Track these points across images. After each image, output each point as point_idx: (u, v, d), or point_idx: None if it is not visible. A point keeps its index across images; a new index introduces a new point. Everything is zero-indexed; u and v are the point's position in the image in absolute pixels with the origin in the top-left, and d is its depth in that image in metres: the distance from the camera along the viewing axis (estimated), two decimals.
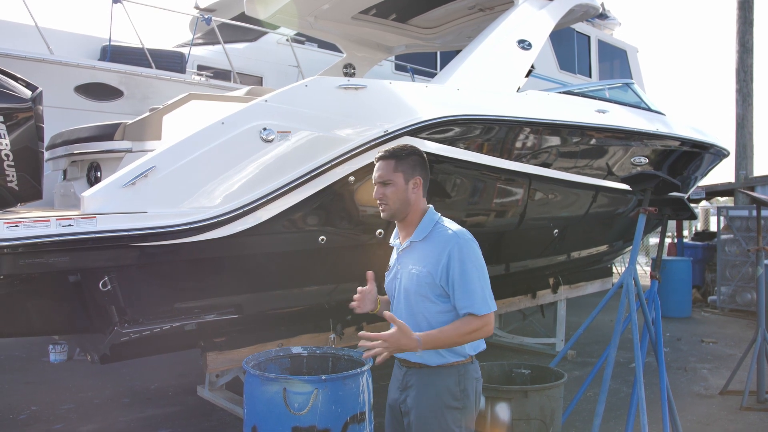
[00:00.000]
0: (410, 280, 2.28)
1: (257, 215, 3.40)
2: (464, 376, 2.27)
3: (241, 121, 3.42)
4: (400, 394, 2.35)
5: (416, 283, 2.25)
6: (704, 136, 6.57)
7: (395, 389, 2.39)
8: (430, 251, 2.24)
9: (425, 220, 2.32)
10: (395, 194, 2.28)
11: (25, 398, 5.04)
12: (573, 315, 7.20)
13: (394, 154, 2.31)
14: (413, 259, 2.29)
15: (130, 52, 6.64)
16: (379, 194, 2.30)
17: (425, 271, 2.23)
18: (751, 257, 8.73)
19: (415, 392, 2.29)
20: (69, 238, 2.88)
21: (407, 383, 2.32)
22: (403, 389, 2.34)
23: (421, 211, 2.34)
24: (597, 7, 6.14)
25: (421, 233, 2.29)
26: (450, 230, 2.26)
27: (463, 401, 2.26)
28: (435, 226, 2.30)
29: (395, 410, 2.38)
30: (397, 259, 2.39)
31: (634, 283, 3.90)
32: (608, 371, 3.71)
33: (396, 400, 2.37)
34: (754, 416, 4.80)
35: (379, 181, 2.30)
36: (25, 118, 3.09)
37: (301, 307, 4.02)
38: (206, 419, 4.58)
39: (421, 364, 2.27)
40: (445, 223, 2.32)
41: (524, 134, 4.66)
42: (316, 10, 6.27)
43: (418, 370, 2.29)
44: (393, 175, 2.28)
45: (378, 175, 2.30)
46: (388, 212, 2.31)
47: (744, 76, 11.10)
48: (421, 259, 2.26)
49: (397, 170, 2.28)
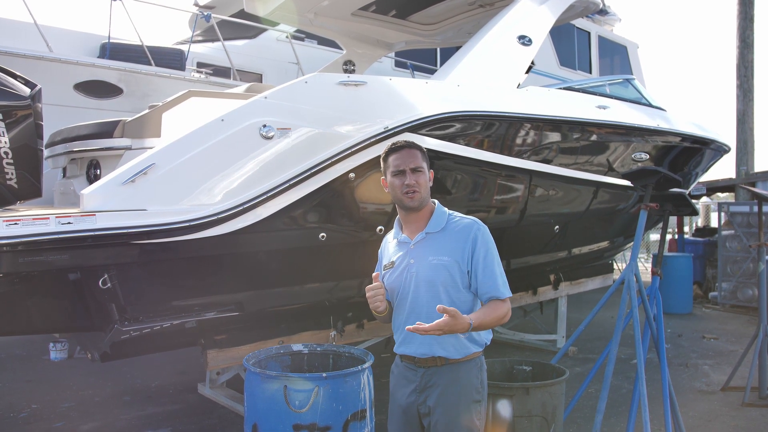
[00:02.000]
0: (433, 270, 2.27)
1: (257, 212, 3.39)
2: (481, 368, 2.35)
3: (240, 118, 3.41)
4: (417, 396, 2.30)
5: (442, 272, 2.26)
6: (705, 131, 6.56)
7: (409, 392, 2.33)
8: (452, 240, 2.29)
9: (438, 213, 2.37)
10: (426, 182, 2.33)
11: (25, 396, 5.04)
12: (574, 311, 7.20)
13: (417, 145, 2.37)
14: (432, 249, 2.30)
15: (129, 49, 6.63)
16: (412, 180, 2.30)
17: (451, 260, 2.26)
18: (752, 253, 8.73)
19: (439, 391, 2.27)
20: (69, 236, 2.87)
21: (427, 383, 2.29)
22: (422, 390, 2.30)
23: (431, 204, 2.39)
24: (597, 3, 6.12)
25: (437, 225, 2.34)
26: (467, 218, 2.35)
27: (482, 393, 2.33)
28: (449, 217, 2.36)
29: (411, 412, 2.33)
30: (408, 253, 2.36)
31: (635, 279, 3.89)
32: (610, 368, 3.70)
33: (413, 403, 2.32)
34: (755, 412, 4.79)
35: (412, 167, 2.30)
36: (24, 116, 3.08)
37: (302, 305, 4.02)
38: (207, 417, 4.58)
39: (445, 359, 2.27)
40: (456, 214, 2.38)
41: (525, 130, 4.64)
42: (316, 6, 6.25)
43: (440, 368, 2.28)
44: (423, 164, 2.33)
45: (408, 161, 2.31)
46: (417, 199, 2.31)
47: (744, 72, 11.07)
48: (443, 249, 2.29)
49: (424, 159, 2.35)
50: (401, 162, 2.31)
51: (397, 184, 2.32)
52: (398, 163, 2.32)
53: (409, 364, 2.36)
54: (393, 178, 2.33)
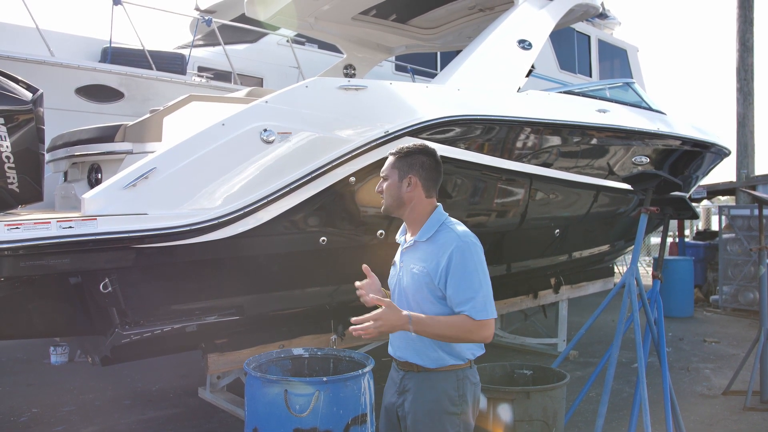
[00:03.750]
0: (411, 279, 2.27)
1: (258, 216, 3.39)
2: (463, 381, 2.24)
3: (241, 122, 3.42)
4: (397, 398, 2.32)
5: (416, 282, 2.24)
6: (705, 135, 6.56)
7: (392, 393, 2.36)
8: (432, 252, 2.23)
9: (431, 221, 2.30)
10: (388, 189, 2.34)
11: (26, 400, 5.04)
12: (575, 315, 7.19)
13: (397, 151, 2.37)
14: (415, 258, 2.28)
15: (130, 53, 6.64)
16: (379, 187, 2.38)
17: (425, 272, 2.22)
18: (753, 256, 8.72)
19: (412, 396, 2.25)
20: (70, 240, 2.88)
21: (405, 387, 2.29)
22: (400, 393, 2.31)
23: (426, 211, 2.32)
24: (597, 7, 6.14)
25: (426, 233, 2.28)
26: (454, 232, 2.22)
27: (461, 406, 2.22)
28: (441, 227, 2.27)
29: (391, 414, 2.35)
30: (401, 257, 2.39)
31: (636, 283, 3.89)
32: (611, 371, 3.70)
33: (393, 404, 2.34)
34: (757, 416, 4.78)
35: (383, 174, 2.37)
36: (26, 120, 3.10)
37: (303, 309, 4.02)
38: (207, 421, 4.58)
39: (420, 367, 2.24)
40: (451, 224, 2.28)
41: (525, 134, 4.65)
42: (317, 11, 6.27)
43: (416, 374, 2.26)
44: (389, 171, 2.34)
45: (383, 168, 2.39)
46: (383, 205, 2.38)
47: (744, 75, 11.08)
48: (423, 259, 2.25)
49: (394, 167, 2.34)
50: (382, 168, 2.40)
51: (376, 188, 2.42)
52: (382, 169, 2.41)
53: (395, 365, 2.39)
54: None
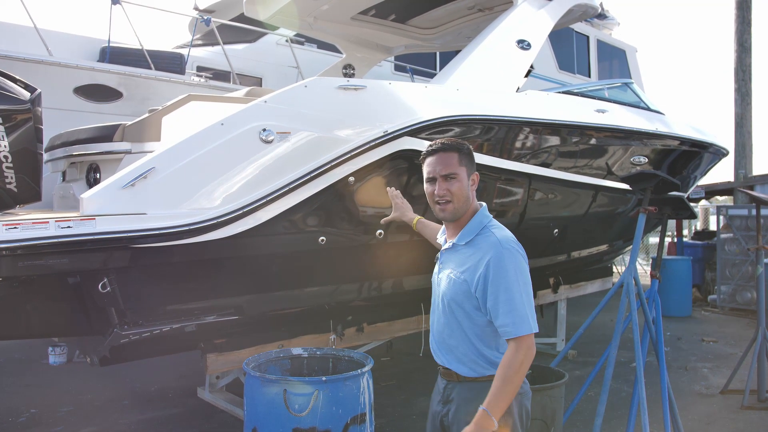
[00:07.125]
0: (448, 284, 2.12)
1: (257, 216, 3.39)
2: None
3: (240, 122, 3.42)
4: (442, 407, 2.19)
5: (452, 288, 2.10)
6: (703, 135, 6.57)
7: (437, 401, 2.23)
8: (471, 257, 2.06)
9: (473, 222, 2.11)
10: (461, 190, 2.08)
11: (24, 401, 5.03)
12: (573, 315, 7.20)
13: (455, 146, 2.12)
14: (454, 262, 2.13)
15: (129, 53, 6.64)
16: (443, 190, 2.08)
17: (461, 278, 2.06)
18: (751, 256, 8.73)
19: (455, 407, 2.13)
20: (68, 240, 2.87)
21: (448, 397, 2.17)
22: (444, 402, 2.18)
23: (472, 210, 2.14)
24: (596, 7, 6.14)
25: (466, 236, 2.10)
26: (495, 237, 2.03)
27: (504, 418, 1.97)
28: (483, 230, 2.09)
29: (437, 421, 2.22)
30: (439, 259, 2.24)
31: (634, 283, 3.90)
32: (609, 371, 3.70)
33: (438, 413, 2.21)
34: (755, 415, 4.80)
35: (443, 174, 2.08)
36: (24, 120, 3.09)
37: (302, 308, 4.01)
38: (207, 421, 4.57)
39: (460, 376, 2.11)
40: (493, 227, 2.09)
41: (524, 134, 4.65)
42: (316, 10, 6.26)
43: (458, 384, 2.13)
44: (458, 169, 2.08)
45: (440, 169, 2.09)
46: (450, 211, 2.11)
47: (742, 76, 11.11)
48: (461, 264, 2.09)
49: (461, 164, 2.10)
50: (433, 168, 2.11)
51: (428, 193, 2.13)
52: (430, 169, 2.12)
53: (439, 371, 2.24)
54: (426, 184, 2.15)
